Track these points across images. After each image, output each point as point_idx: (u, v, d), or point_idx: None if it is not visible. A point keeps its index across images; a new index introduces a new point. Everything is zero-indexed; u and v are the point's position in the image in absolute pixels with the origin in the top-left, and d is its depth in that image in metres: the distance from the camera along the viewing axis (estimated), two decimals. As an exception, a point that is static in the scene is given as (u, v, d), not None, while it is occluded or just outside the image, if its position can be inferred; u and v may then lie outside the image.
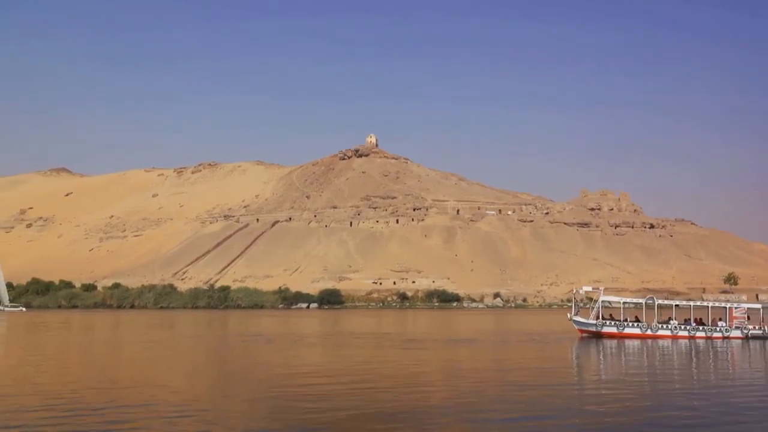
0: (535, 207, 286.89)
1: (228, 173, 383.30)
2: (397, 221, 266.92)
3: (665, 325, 55.83)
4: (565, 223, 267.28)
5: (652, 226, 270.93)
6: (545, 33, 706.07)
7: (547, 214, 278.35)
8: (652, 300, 58.02)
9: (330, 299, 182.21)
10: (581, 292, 63.97)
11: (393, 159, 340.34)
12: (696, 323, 56.48)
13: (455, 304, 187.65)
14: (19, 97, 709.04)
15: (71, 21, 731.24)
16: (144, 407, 20.54)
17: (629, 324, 56.22)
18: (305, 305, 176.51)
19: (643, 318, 57.21)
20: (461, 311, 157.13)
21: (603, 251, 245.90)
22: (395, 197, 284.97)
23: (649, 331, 55.13)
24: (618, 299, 59.71)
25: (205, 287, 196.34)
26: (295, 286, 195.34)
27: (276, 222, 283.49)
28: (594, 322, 56.19)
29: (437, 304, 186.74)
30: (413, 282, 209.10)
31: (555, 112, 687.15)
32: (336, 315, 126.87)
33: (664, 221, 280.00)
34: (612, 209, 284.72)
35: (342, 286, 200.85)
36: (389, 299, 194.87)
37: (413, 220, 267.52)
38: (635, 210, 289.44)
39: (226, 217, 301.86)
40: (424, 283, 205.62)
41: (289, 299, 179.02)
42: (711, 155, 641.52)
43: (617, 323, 56.30)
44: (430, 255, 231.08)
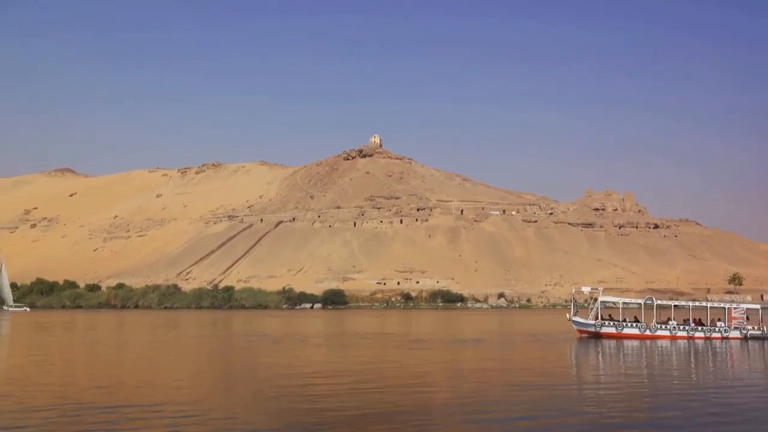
0: (539, 207, 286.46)
1: (232, 173, 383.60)
2: (401, 221, 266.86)
3: (664, 326, 55.94)
4: (570, 224, 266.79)
5: (656, 226, 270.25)
6: (545, 33, 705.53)
7: (551, 214, 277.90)
8: (650, 300, 58.13)
9: (334, 299, 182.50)
10: (585, 292, 64.05)
11: (397, 159, 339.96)
12: (695, 324, 56.58)
13: (459, 304, 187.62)
14: (20, 98, 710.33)
15: (71, 21, 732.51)
16: (149, 407, 20.72)
17: (628, 324, 56.36)
18: (309, 305, 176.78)
19: (642, 318, 57.33)
20: (465, 311, 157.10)
21: (607, 251, 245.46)
22: (399, 197, 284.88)
23: (648, 332, 55.26)
24: (617, 299, 59.83)
25: (209, 287, 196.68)
26: (299, 286, 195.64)
27: (280, 222, 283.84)
28: (593, 322, 56.33)
29: (441, 304, 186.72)
30: (417, 282, 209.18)
31: (557, 112, 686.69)
32: (340, 315, 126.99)
33: (668, 221, 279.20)
34: (616, 209, 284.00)
35: (346, 286, 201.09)
36: (393, 299, 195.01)
37: (417, 220, 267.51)
38: (639, 210, 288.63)
39: (230, 218, 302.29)
40: (428, 284, 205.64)
41: (293, 299, 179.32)
42: (715, 155, 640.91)
43: (616, 324, 56.45)
44: (434, 255, 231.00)
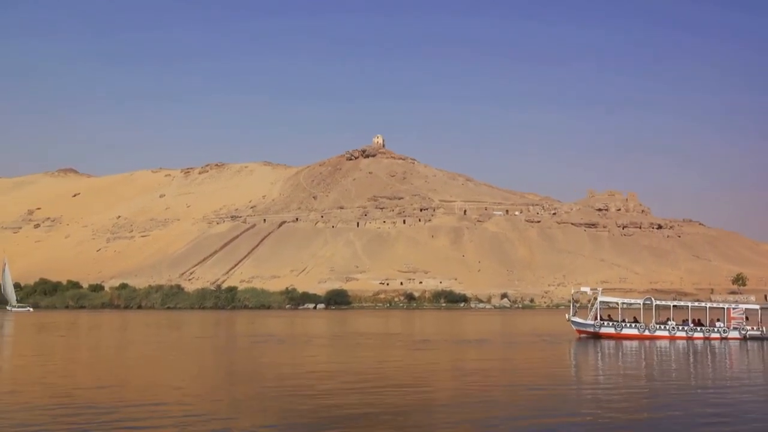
0: (543, 207, 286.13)
1: (235, 174, 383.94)
2: (404, 222, 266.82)
3: (663, 326, 55.91)
4: (573, 224, 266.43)
5: (659, 226, 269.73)
6: (545, 33, 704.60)
7: (555, 214, 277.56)
8: (649, 301, 58.12)
9: (337, 300, 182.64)
10: (589, 292, 64.06)
11: (400, 159, 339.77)
12: (694, 324, 56.59)
13: (462, 304, 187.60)
14: (20, 98, 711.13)
15: (71, 21, 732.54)
16: (154, 407, 20.78)
17: (627, 325, 56.35)
18: (312, 306, 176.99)
19: (641, 319, 57.30)
20: (469, 312, 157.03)
21: (610, 252, 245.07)
22: (402, 198, 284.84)
23: (647, 332, 55.26)
24: (616, 300, 59.88)
25: (212, 288, 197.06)
26: (302, 286, 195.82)
27: (283, 222, 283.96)
28: (592, 322, 56.37)
29: (444, 304, 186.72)
30: (420, 282, 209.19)
31: (557, 112, 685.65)
32: (343, 315, 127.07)
33: (671, 222, 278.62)
34: (620, 210, 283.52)
35: (349, 286, 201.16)
36: (396, 300, 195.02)
37: (420, 220, 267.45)
38: (643, 210, 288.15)
39: (233, 218, 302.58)
40: (431, 284, 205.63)
41: (296, 300, 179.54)
42: (716, 156, 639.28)
43: (615, 324, 56.46)
44: (437, 255, 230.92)
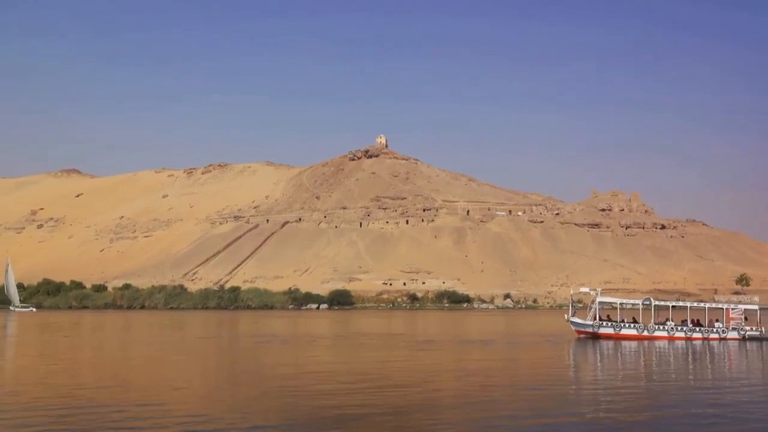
0: (546, 208, 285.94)
1: (238, 174, 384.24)
2: (407, 222, 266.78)
3: (662, 327, 55.93)
4: (576, 224, 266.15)
5: (663, 226, 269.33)
6: (545, 33, 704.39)
7: (558, 214, 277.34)
8: (648, 301, 58.18)
9: (340, 300, 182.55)
10: (591, 293, 64.12)
11: (403, 159, 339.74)
12: (693, 324, 56.63)
13: (465, 305, 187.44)
14: (20, 98, 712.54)
15: (71, 21, 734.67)
16: (157, 407, 20.81)
17: (626, 325, 56.37)
18: (315, 306, 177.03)
19: (641, 319, 57.31)
20: (472, 312, 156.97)
21: (614, 252, 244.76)
22: (405, 198, 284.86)
23: (646, 332, 55.30)
24: (615, 300, 59.99)
25: (215, 288, 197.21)
26: (305, 286, 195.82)
27: (286, 223, 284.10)
28: (591, 323, 56.41)
29: (447, 305, 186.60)
30: (423, 283, 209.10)
31: (557, 112, 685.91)
32: (346, 316, 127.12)
33: (675, 222, 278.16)
34: (623, 210, 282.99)
35: (352, 286, 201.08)
36: (399, 300, 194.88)
37: (423, 220, 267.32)
38: (646, 210, 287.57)
39: (236, 218, 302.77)
40: (434, 284, 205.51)
41: (299, 300, 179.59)
42: (717, 156, 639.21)
43: (614, 324, 56.51)
44: (440, 256, 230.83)
